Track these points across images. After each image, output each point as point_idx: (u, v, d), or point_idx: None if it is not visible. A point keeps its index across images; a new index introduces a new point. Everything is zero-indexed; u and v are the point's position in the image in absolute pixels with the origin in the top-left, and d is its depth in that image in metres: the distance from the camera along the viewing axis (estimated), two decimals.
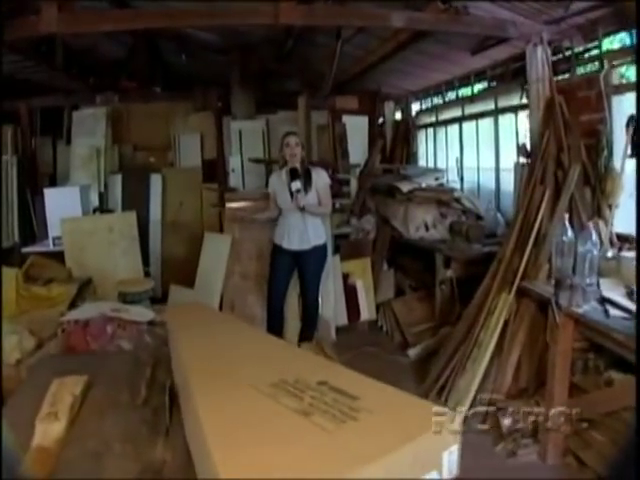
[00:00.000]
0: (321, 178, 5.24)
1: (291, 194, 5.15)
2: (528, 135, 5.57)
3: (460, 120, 7.70)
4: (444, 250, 6.18)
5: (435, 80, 8.36)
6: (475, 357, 4.69)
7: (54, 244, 6.70)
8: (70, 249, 6.43)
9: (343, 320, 6.63)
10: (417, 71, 8.20)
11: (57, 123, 8.72)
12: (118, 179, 8.07)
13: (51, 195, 6.70)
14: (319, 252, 5.33)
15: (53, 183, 8.42)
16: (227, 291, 6.23)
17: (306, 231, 5.21)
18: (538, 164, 4.92)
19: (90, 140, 8.07)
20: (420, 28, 5.40)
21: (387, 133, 9.18)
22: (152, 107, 8.55)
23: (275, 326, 5.42)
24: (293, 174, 5.14)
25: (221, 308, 6.02)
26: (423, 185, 7.04)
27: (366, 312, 6.83)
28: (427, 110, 8.71)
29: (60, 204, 6.66)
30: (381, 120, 9.38)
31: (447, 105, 8.08)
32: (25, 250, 6.84)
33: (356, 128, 8.84)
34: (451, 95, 8.04)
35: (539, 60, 5.24)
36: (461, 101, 7.72)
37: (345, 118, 8.81)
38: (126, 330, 3.82)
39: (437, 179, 7.38)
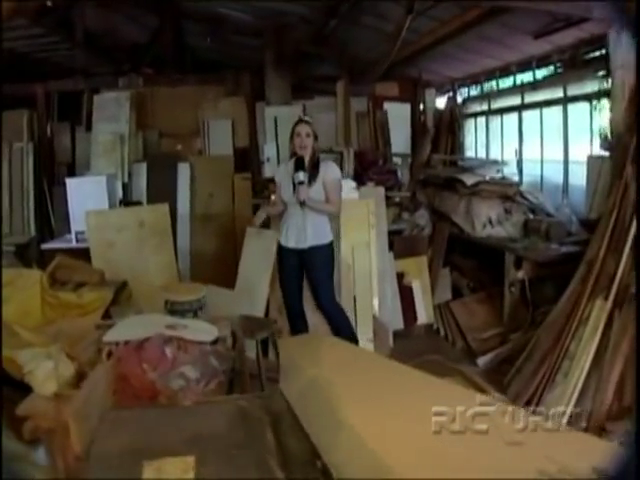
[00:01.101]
0: (330, 172, 4.49)
1: (294, 186, 4.43)
2: (608, 126, 5.05)
3: (520, 109, 6.84)
4: (518, 249, 5.47)
5: (483, 66, 7.55)
6: (566, 370, 4.09)
7: (77, 240, 5.85)
8: (96, 246, 5.57)
9: (399, 324, 5.84)
10: (466, 57, 7.41)
11: (75, 108, 7.77)
12: (143, 168, 7.23)
13: (74, 185, 5.84)
14: (318, 253, 4.55)
15: (71, 172, 7.57)
16: (274, 294, 5.36)
17: (304, 229, 4.50)
18: (629, 158, 4.22)
19: (113, 126, 7.21)
20: (507, 4, 4.94)
21: (428, 122, 8.27)
22: (179, 91, 7.70)
23: (299, 332, 4.74)
24: (298, 164, 4.42)
25: (267, 313, 5.28)
26: (487, 178, 6.15)
27: (423, 315, 6.04)
28: (476, 98, 7.88)
29: (84, 195, 5.84)
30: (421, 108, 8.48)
31: (502, 93, 7.21)
32: (45, 247, 5.96)
33: (398, 116, 8.07)
34: (507, 82, 7.16)
35: (624, 45, 4.63)
36: (520, 88, 6.84)
37: (386, 105, 7.91)
38: (188, 352, 2.94)
39: (498, 172, 6.51)
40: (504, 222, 6.04)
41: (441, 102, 8.76)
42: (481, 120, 7.73)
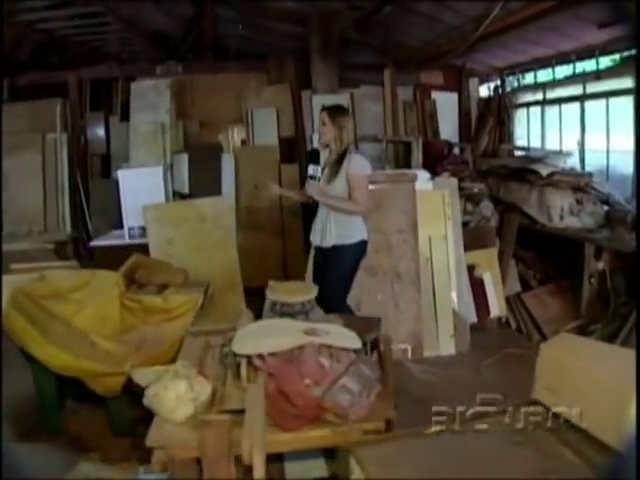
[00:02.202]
0: (354, 166, 3.90)
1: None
2: None
3: (581, 98, 6.37)
4: (600, 240, 5.17)
5: (534, 55, 7.09)
6: None
7: (130, 236, 5.22)
8: (155, 242, 5.02)
9: (472, 317, 5.46)
10: (516, 45, 6.92)
11: (107, 96, 7.16)
12: (184, 159, 6.64)
13: (127, 177, 5.31)
14: (340, 252, 4.00)
15: (106, 165, 7.00)
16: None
17: (328, 226, 3.98)
18: None
19: (152, 115, 6.63)
20: None
21: (472, 111, 7.80)
22: (220, 79, 7.15)
23: None
24: (312, 156, 4.09)
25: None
26: (559, 168, 5.71)
27: (496, 308, 5.63)
28: (528, 87, 7.39)
29: (138, 188, 5.26)
30: None
31: (560, 82, 6.74)
32: (95, 244, 5.37)
33: (445, 106, 7.52)
34: (564, 71, 6.70)
35: None
36: (582, 77, 6.37)
37: (434, 94, 7.42)
38: (340, 362, 2.46)
39: (565, 162, 6.08)
40: (579, 212, 5.62)
41: (483, 92, 8.27)
42: (534, 110, 7.25)
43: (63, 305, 3.72)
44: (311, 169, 3.91)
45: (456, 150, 6.96)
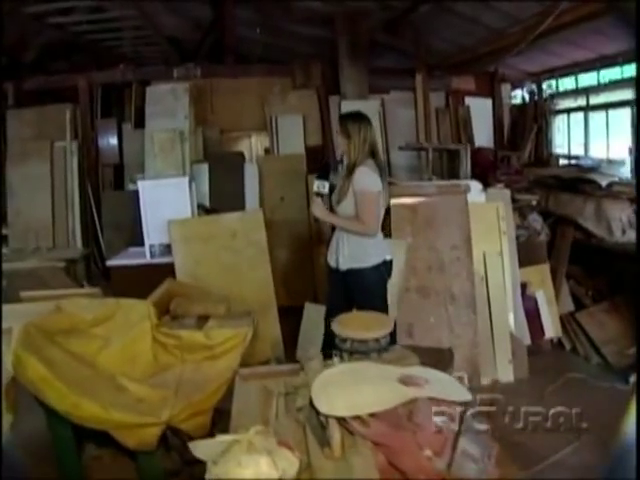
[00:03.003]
0: (358, 180, 3.35)
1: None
2: None
3: (632, 104, 5.78)
4: None
5: (573, 59, 6.52)
6: None
7: (152, 254, 4.56)
8: (182, 262, 4.40)
9: (525, 339, 4.95)
10: (553, 49, 6.34)
11: (119, 102, 6.51)
12: (204, 169, 6.04)
13: (149, 189, 4.67)
14: (359, 277, 3.51)
15: (118, 175, 6.33)
16: (401, 312, 4.39)
17: (341, 246, 3.51)
18: None
19: (170, 122, 6.02)
20: None
21: (504, 118, 7.20)
22: (242, 83, 6.55)
23: None
24: (321, 171, 3.61)
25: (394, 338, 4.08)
26: (616, 179, 5.13)
27: (550, 329, 5.11)
28: (569, 92, 6.76)
29: (161, 201, 4.59)
30: None
31: (606, 87, 6.14)
32: (111, 263, 4.70)
33: (479, 112, 6.90)
34: (611, 75, 6.12)
35: None
36: (630, 82, 5.81)
37: (467, 100, 6.82)
38: (452, 421, 1.86)
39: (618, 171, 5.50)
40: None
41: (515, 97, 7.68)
42: (576, 116, 6.64)
43: (85, 342, 3.06)
44: (316, 185, 3.40)
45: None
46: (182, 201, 4.64)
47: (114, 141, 6.45)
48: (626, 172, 5.89)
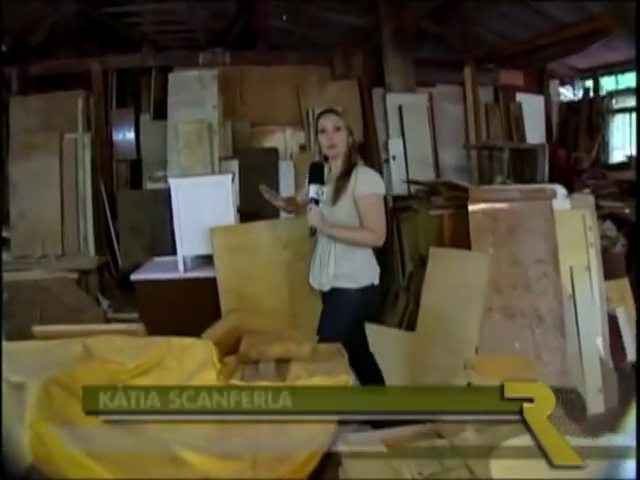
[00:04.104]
0: (362, 183, 2.76)
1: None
2: None
3: None
4: None
5: (628, 54, 5.67)
6: None
7: (186, 267, 3.64)
8: (226, 277, 3.52)
9: (609, 362, 4.17)
10: (608, 42, 5.49)
11: (136, 90, 5.56)
12: (234, 167, 5.13)
13: (183, 189, 3.72)
14: (337, 298, 2.85)
15: (135, 171, 5.40)
16: (483, 336, 3.66)
17: (326, 263, 2.86)
18: None
19: (196, 112, 5.12)
20: None
21: (553, 116, 6.36)
22: (275, 72, 5.63)
23: None
24: (314, 172, 2.76)
25: None
26: None
27: (632, 350, 4.29)
28: (630, 90, 5.92)
29: (199, 203, 3.66)
30: None
31: None
32: (136, 277, 3.77)
33: (529, 109, 6.04)
34: None
35: None
36: None
37: (519, 97, 5.96)
38: None
39: None
40: None
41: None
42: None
43: None
44: (313, 190, 2.67)
45: None
46: (224, 203, 3.70)
47: (131, 134, 5.49)
48: None
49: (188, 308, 3.71)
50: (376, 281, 2.85)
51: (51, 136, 5.11)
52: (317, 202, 2.65)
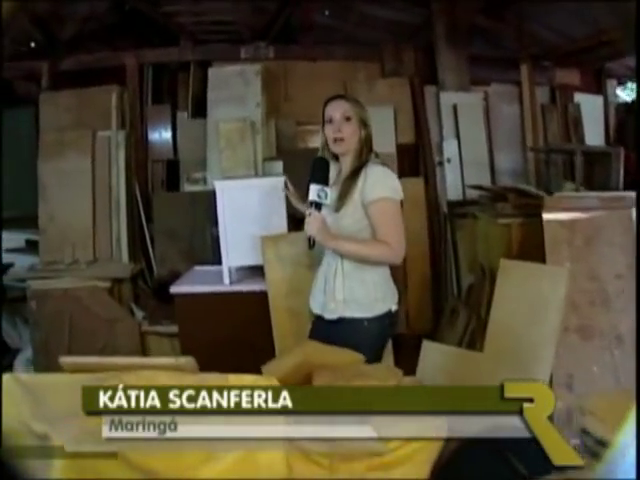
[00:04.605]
0: (372, 186, 2.20)
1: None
2: None
3: None
4: None
5: None
6: None
7: (232, 279, 3.18)
8: (278, 292, 3.07)
9: None
10: None
11: (171, 87, 5.12)
12: (277, 169, 4.67)
13: (230, 192, 3.26)
14: (347, 331, 2.22)
15: (172, 172, 4.95)
16: (559, 358, 3.24)
17: (334, 284, 2.26)
18: None
19: (238, 110, 4.68)
20: None
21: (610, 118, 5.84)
22: (321, 67, 5.17)
23: None
24: (317, 170, 2.23)
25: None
26: None
27: None
28: None
29: (248, 208, 3.17)
30: None
31: None
32: (176, 290, 3.32)
33: (587, 110, 5.51)
34: None
35: None
36: None
37: (577, 97, 5.44)
38: None
39: None
40: None
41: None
42: None
43: (179, 453, 1.69)
44: (314, 191, 2.15)
45: None
46: (276, 209, 3.22)
47: (167, 132, 5.05)
48: None
49: (234, 325, 3.28)
50: (394, 307, 2.28)
51: (83, 134, 4.67)
52: (319, 206, 2.12)
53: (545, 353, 3.15)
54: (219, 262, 3.73)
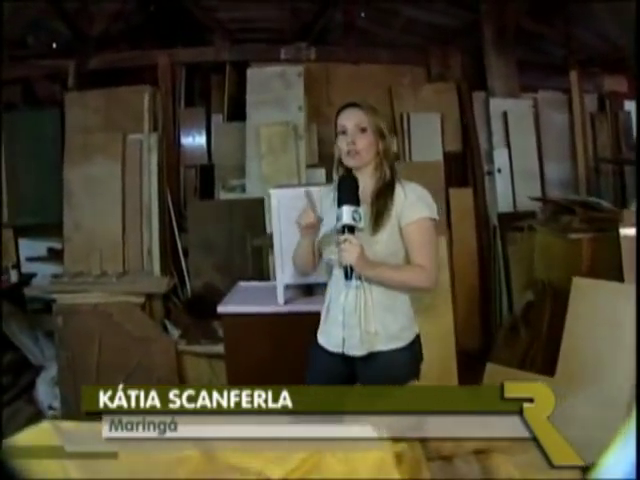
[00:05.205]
0: (414, 205, 1.92)
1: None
2: None
3: None
4: None
5: None
6: None
7: (286, 299, 2.76)
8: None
9: None
10: None
11: (206, 88, 4.69)
12: (320, 176, 4.20)
13: (284, 201, 2.80)
14: (378, 365, 1.92)
15: (207, 179, 4.47)
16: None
17: (364, 317, 1.92)
18: None
19: (279, 114, 4.26)
20: None
21: None
22: (364, 71, 4.70)
23: None
24: (346, 189, 1.88)
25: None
26: None
27: None
28: None
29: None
30: None
31: None
32: (224, 309, 2.88)
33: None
34: None
35: None
36: None
37: (627, 105, 5.07)
38: None
39: None
40: None
41: None
42: None
43: None
44: (347, 214, 1.81)
45: None
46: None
47: (201, 136, 4.61)
48: None
49: (288, 349, 2.85)
50: (417, 329, 2.00)
51: (112, 137, 4.24)
52: (353, 230, 1.78)
53: (623, 379, 2.86)
54: (260, 277, 3.30)
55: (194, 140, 4.63)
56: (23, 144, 4.53)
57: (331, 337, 1.99)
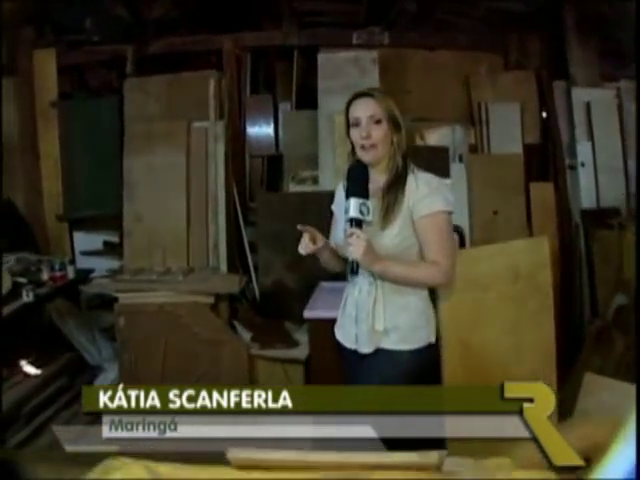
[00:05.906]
0: (427, 197, 1.73)
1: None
2: None
3: None
4: None
5: None
6: None
7: None
8: (451, 321, 2.20)
9: None
10: None
11: (271, 74, 4.30)
12: None
13: None
14: (384, 363, 1.78)
15: (274, 170, 4.05)
16: None
17: (372, 312, 1.77)
18: None
19: None
20: None
21: None
22: (439, 57, 4.29)
23: None
24: (356, 179, 1.72)
25: None
26: None
27: None
28: None
29: None
30: None
31: None
32: (311, 315, 2.55)
33: None
34: None
35: None
36: None
37: None
38: None
39: None
40: None
41: None
42: None
43: None
44: (354, 206, 1.66)
45: None
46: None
47: (269, 125, 4.21)
48: None
49: None
50: (433, 338, 1.86)
51: (175, 125, 3.84)
52: (360, 224, 1.64)
53: None
54: (335, 276, 2.89)
55: (260, 129, 4.24)
56: (78, 133, 4.19)
57: (346, 333, 1.88)
